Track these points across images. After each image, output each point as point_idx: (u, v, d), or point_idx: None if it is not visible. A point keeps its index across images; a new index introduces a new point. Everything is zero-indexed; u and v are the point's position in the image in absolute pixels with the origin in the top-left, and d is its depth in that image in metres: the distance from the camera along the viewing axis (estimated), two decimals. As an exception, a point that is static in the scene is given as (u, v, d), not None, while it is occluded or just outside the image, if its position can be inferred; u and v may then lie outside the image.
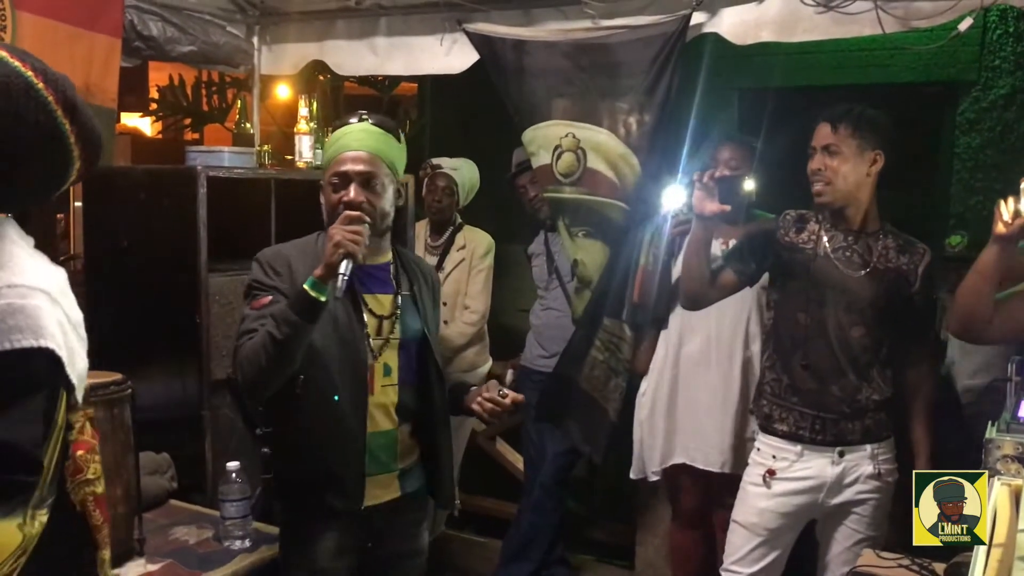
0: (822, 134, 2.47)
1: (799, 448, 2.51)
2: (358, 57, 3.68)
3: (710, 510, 3.09)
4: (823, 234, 2.52)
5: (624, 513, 3.92)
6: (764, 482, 2.54)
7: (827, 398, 2.48)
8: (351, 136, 2.11)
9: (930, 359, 2.63)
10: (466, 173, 3.97)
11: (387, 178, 2.11)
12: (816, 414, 2.49)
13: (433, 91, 5.50)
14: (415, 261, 2.35)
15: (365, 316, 2.12)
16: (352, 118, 2.15)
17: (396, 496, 2.19)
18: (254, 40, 3.85)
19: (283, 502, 2.21)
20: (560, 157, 3.23)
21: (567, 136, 3.21)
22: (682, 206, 2.80)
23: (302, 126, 3.32)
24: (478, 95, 3.71)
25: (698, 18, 2.97)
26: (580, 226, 3.27)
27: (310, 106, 3.34)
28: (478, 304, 3.88)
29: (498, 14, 3.32)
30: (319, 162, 3.17)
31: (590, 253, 3.26)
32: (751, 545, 2.58)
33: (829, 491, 2.50)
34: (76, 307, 1.32)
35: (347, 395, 2.08)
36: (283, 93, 5.72)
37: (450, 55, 3.42)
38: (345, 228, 1.95)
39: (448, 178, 3.91)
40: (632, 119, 3.11)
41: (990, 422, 1.98)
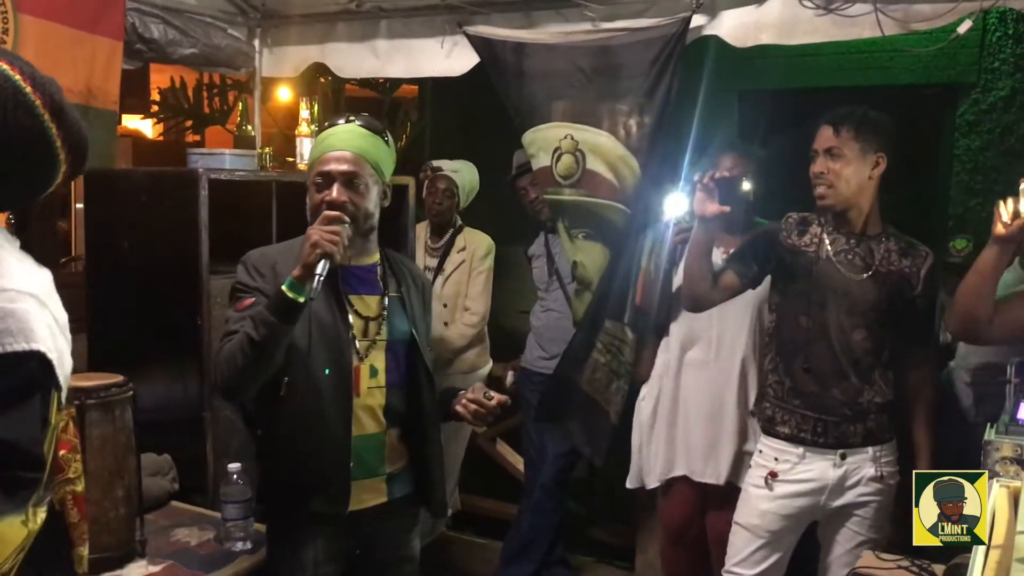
0: (824, 137, 2.46)
1: (801, 450, 2.51)
2: (359, 59, 3.68)
3: (702, 525, 3.03)
4: (825, 237, 2.52)
5: (624, 514, 3.91)
6: (766, 484, 2.54)
7: (829, 400, 2.48)
8: (336, 136, 2.10)
9: (931, 362, 2.63)
10: (466, 175, 3.98)
11: (371, 178, 2.09)
12: (818, 416, 2.49)
13: (433, 93, 5.50)
14: (404, 263, 2.31)
15: (350, 317, 2.10)
16: (339, 119, 2.13)
17: (384, 501, 2.15)
18: (255, 42, 3.86)
19: (268, 505, 2.18)
20: (559, 159, 3.23)
21: (566, 138, 3.20)
22: (684, 214, 2.80)
23: (303, 128, 3.32)
24: (478, 97, 3.71)
25: (698, 20, 2.97)
26: (580, 228, 3.26)
27: (311, 108, 3.34)
28: (478, 306, 3.89)
29: (498, 17, 3.33)
30: (319, 164, 3.17)
31: (590, 255, 3.25)
32: (753, 547, 2.58)
33: (831, 493, 2.50)
34: (62, 309, 1.33)
35: (332, 397, 2.04)
36: (284, 95, 5.74)
37: (451, 58, 3.43)
38: (323, 228, 1.94)
39: (448, 180, 3.91)
40: (632, 121, 3.11)
41: (989, 424, 1.99)
